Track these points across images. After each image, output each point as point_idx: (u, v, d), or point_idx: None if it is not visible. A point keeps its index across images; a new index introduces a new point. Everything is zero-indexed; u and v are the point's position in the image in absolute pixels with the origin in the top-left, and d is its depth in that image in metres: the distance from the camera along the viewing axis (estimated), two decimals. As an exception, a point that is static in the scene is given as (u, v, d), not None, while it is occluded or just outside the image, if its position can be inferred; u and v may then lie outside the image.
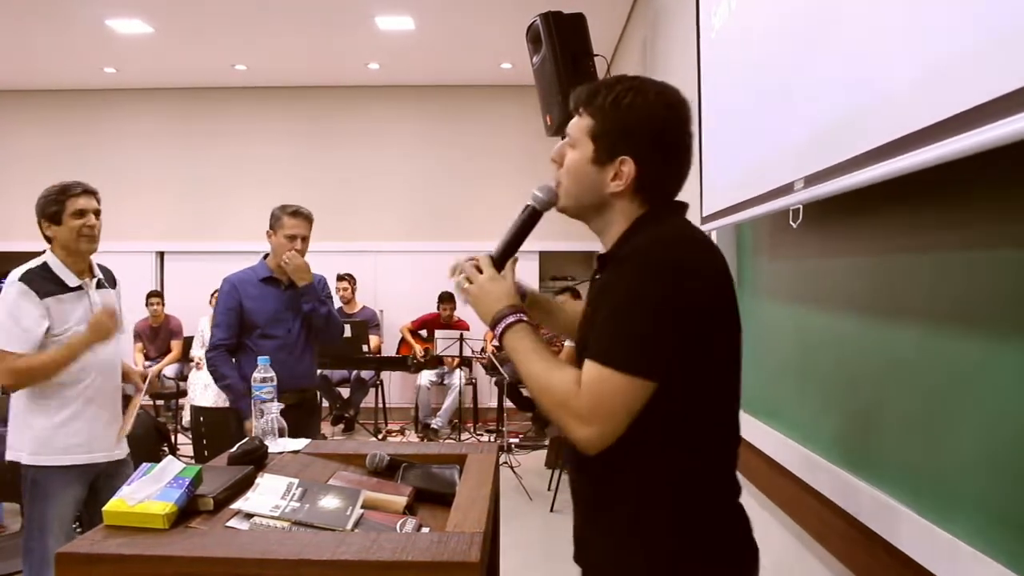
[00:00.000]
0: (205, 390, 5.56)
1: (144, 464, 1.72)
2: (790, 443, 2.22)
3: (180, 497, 1.60)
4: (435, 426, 7.60)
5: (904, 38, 1.33)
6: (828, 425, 2.02)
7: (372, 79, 8.45)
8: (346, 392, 7.71)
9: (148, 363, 7.64)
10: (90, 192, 2.95)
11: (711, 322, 1.35)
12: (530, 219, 1.56)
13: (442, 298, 8.05)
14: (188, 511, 1.63)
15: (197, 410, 5.61)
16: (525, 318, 1.47)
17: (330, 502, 1.71)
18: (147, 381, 3.16)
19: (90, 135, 8.75)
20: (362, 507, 1.72)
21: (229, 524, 1.62)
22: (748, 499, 1.51)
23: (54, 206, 2.88)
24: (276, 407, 2.39)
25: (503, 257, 1.56)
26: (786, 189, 1.86)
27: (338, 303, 7.92)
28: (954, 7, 1.18)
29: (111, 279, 3.15)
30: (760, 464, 2.41)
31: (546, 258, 8.62)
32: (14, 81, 8.47)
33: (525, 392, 6.93)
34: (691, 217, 1.55)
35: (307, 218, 3.62)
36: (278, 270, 3.61)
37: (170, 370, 7.62)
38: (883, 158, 1.34)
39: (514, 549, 4.28)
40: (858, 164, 1.45)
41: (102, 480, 2.95)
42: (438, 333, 7.68)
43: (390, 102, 8.73)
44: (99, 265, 3.09)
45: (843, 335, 1.91)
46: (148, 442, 3.31)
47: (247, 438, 2.22)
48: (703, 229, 2.77)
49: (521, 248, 1.58)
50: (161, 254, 8.84)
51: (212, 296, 6.72)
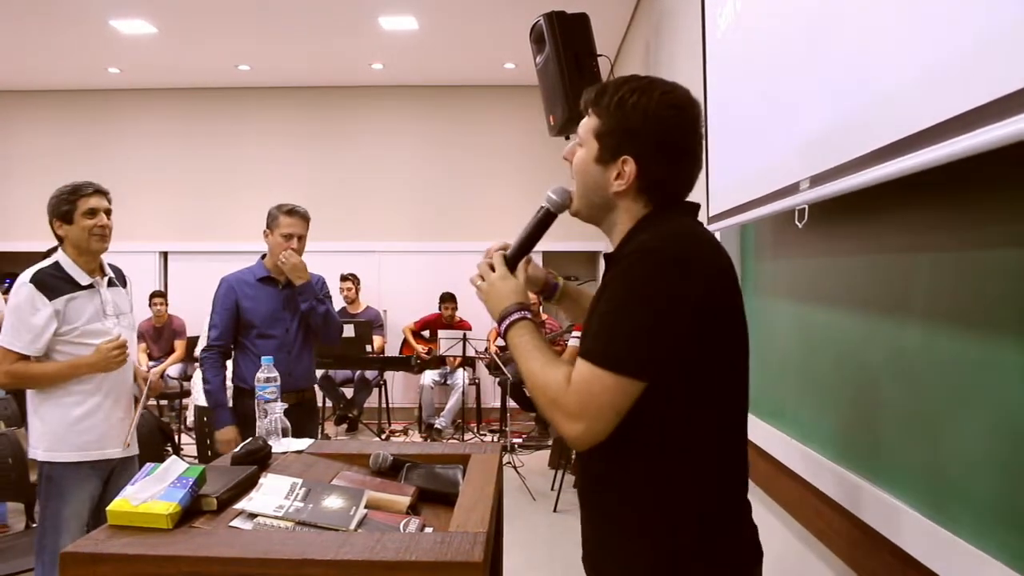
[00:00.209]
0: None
1: (148, 464, 1.73)
2: (793, 443, 2.22)
3: (184, 497, 1.60)
4: (438, 426, 7.61)
5: (909, 38, 1.33)
6: (831, 425, 2.01)
7: (376, 79, 8.46)
8: (350, 392, 7.71)
9: (152, 363, 7.65)
10: (101, 192, 3.01)
11: (710, 322, 1.34)
12: (544, 220, 1.59)
13: (443, 298, 8.07)
14: (192, 511, 1.64)
15: (201, 410, 5.59)
16: (529, 315, 1.49)
17: (334, 502, 1.71)
18: (148, 383, 3.17)
19: (94, 135, 8.77)
20: (365, 507, 1.72)
21: (233, 524, 1.62)
22: (751, 499, 1.51)
23: (66, 205, 2.93)
24: (280, 407, 2.40)
25: (516, 257, 1.59)
26: (792, 189, 1.86)
27: (342, 303, 7.95)
28: (958, 7, 1.17)
29: (121, 278, 3.20)
30: (763, 464, 2.41)
31: (550, 258, 8.62)
32: (18, 81, 8.49)
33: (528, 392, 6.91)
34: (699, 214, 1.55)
35: (303, 217, 3.60)
36: (275, 269, 3.59)
37: (174, 370, 7.63)
38: (889, 158, 1.34)
39: (517, 549, 4.27)
40: (864, 164, 1.44)
41: (114, 477, 2.99)
42: (441, 333, 7.68)
43: (394, 102, 8.74)
44: (110, 264, 3.14)
45: (847, 335, 1.91)
46: (152, 442, 3.31)
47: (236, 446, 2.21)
48: (709, 229, 2.77)
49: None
50: (165, 254, 8.86)
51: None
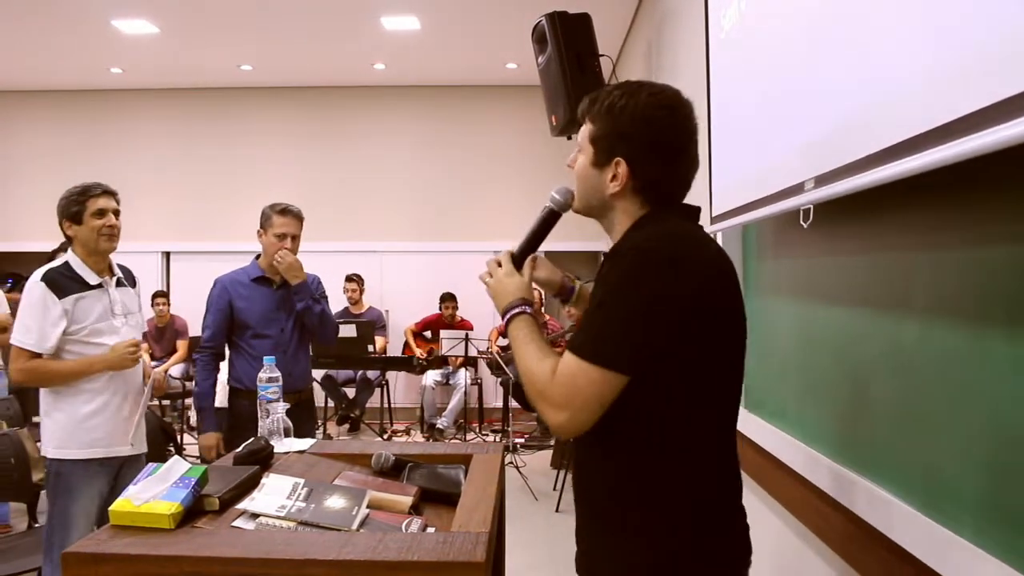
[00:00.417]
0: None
1: (150, 464, 1.73)
2: (795, 443, 2.22)
3: (186, 497, 1.61)
4: (440, 426, 7.61)
5: (915, 38, 1.32)
6: (833, 424, 2.01)
7: (378, 79, 8.46)
8: (352, 392, 7.72)
9: (154, 363, 7.64)
10: (110, 193, 3.05)
11: (701, 322, 1.35)
12: (548, 219, 1.66)
13: (443, 298, 8.08)
14: (194, 511, 1.64)
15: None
16: (529, 311, 1.55)
17: (336, 502, 1.71)
18: (152, 382, 3.18)
19: (96, 135, 8.78)
20: (368, 507, 1.72)
21: (235, 524, 1.63)
22: (752, 498, 1.51)
23: (75, 206, 2.98)
24: (282, 407, 2.40)
25: (523, 255, 1.66)
26: (796, 189, 1.85)
27: (345, 303, 7.96)
28: (965, 8, 1.17)
29: (131, 278, 3.24)
30: (765, 463, 2.41)
31: (551, 258, 8.51)
32: (20, 81, 8.49)
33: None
34: (700, 218, 1.56)
35: (297, 216, 3.56)
36: (270, 269, 3.56)
37: (176, 370, 7.63)
38: (895, 158, 1.33)
39: (519, 549, 4.28)
40: (869, 164, 1.44)
41: (122, 474, 3.01)
42: (443, 333, 7.68)
43: (396, 102, 8.73)
44: (119, 265, 3.18)
45: (849, 334, 1.91)
46: (154, 442, 3.32)
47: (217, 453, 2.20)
48: (712, 229, 2.77)
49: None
50: (167, 254, 8.86)
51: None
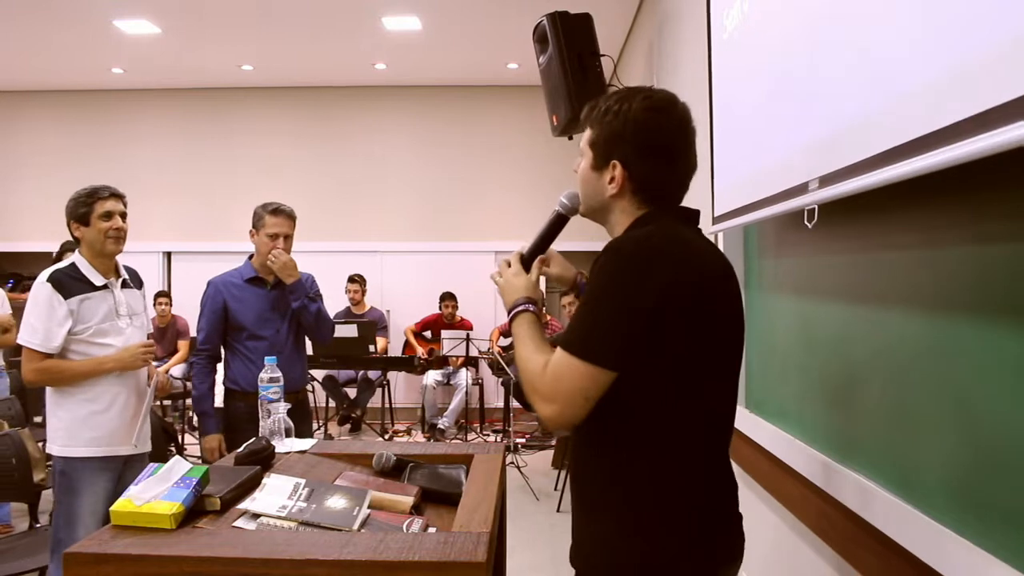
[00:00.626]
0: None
1: (151, 464, 1.74)
2: (796, 443, 2.22)
3: (187, 497, 1.61)
4: (441, 426, 7.60)
5: (921, 40, 1.32)
6: (833, 423, 2.01)
7: (379, 79, 8.46)
8: (353, 392, 7.72)
9: (155, 363, 7.64)
10: (117, 195, 3.08)
11: (680, 321, 1.36)
12: (557, 222, 1.72)
13: (443, 296, 8.09)
14: (195, 511, 1.64)
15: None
16: (532, 309, 1.60)
17: (337, 502, 1.71)
18: (153, 382, 3.18)
19: (98, 135, 8.78)
20: (369, 507, 1.72)
21: (236, 524, 1.63)
22: (752, 496, 1.51)
23: (83, 208, 3.01)
24: (283, 407, 2.40)
25: (531, 256, 1.71)
26: (800, 189, 1.85)
27: (346, 304, 7.97)
28: (971, 10, 1.17)
29: (137, 280, 3.28)
30: (765, 462, 2.41)
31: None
32: (22, 81, 8.50)
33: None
34: (703, 218, 1.56)
35: (289, 216, 3.52)
36: (263, 270, 3.51)
37: (177, 370, 7.63)
38: (900, 158, 1.33)
39: (520, 549, 4.28)
40: (875, 164, 1.44)
41: (126, 473, 3.02)
42: (444, 333, 7.68)
43: (397, 102, 8.73)
44: (125, 266, 3.21)
45: (850, 335, 1.91)
46: (156, 442, 3.32)
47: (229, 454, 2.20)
48: (714, 229, 2.76)
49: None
50: (168, 254, 8.86)
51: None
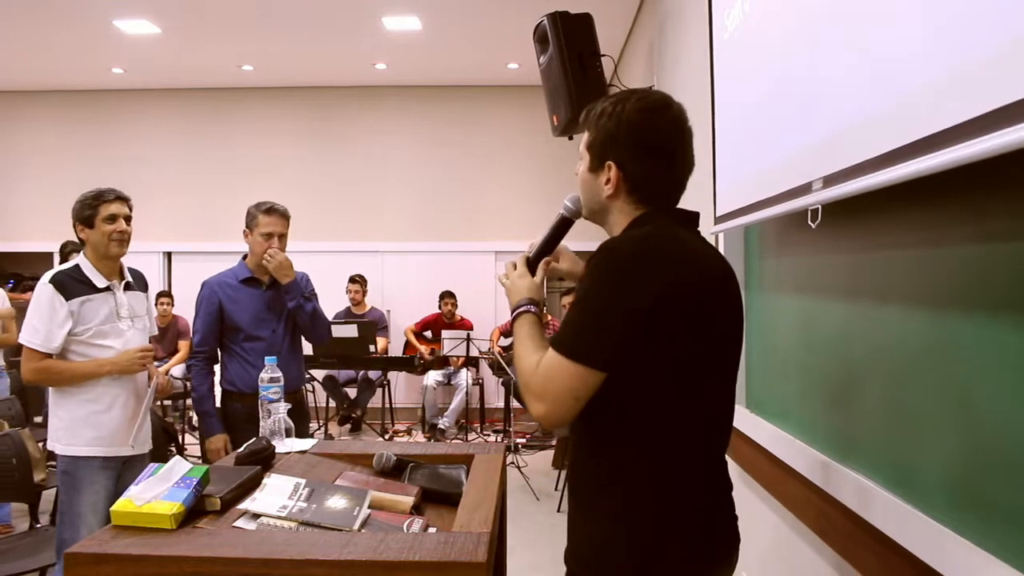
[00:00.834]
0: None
1: (152, 464, 1.74)
2: (796, 442, 2.21)
3: (188, 497, 1.61)
4: (442, 426, 7.61)
5: (925, 39, 1.31)
6: (834, 424, 2.01)
7: (379, 79, 8.45)
8: (353, 392, 7.72)
9: (156, 364, 7.64)
10: (123, 199, 3.10)
11: (672, 321, 1.37)
12: (561, 225, 1.73)
13: (442, 295, 8.11)
14: (195, 511, 1.64)
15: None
16: (534, 310, 1.61)
17: (337, 502, 1.71)
18: (153, 383, 3.17)
19: (98, 135, 8.78)
20: (369, 507, 1.72)
21: (236, 524, 1.63)
22: (752, 496, 1.50)
23: (88, 210, 3.03)
24: (283, 407, 2.40)
25: (537, 258, 1.73)
26: (804, 189, 1.85)
27: (347, 303, 7.97)
28: (975, 9, 1.16)
29: (141, 282, 3.28)
30: (766, 462, 2.41)
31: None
32: (21, 81, 8.50)
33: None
34: (704, 218, 1.56)
35: (283, 215, 3.50)
36: (258, 270, 3.50)
37: (177, 370, 7.62)
38: (904, 159, 1.32)
39: (521, 549, 4.28)
40: (880, 164, 1.43)
41: (125, 472, 3.03)
42: (445, 333, 7.68)
43: (397, 102, 8.73)
44: (130, 268, 3.22)
45: (852, 335, 1.91)
46: (156, 442, 3.32)
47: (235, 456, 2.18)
48: (716, 230, 2.76)
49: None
50: (169, 254, 8.86)
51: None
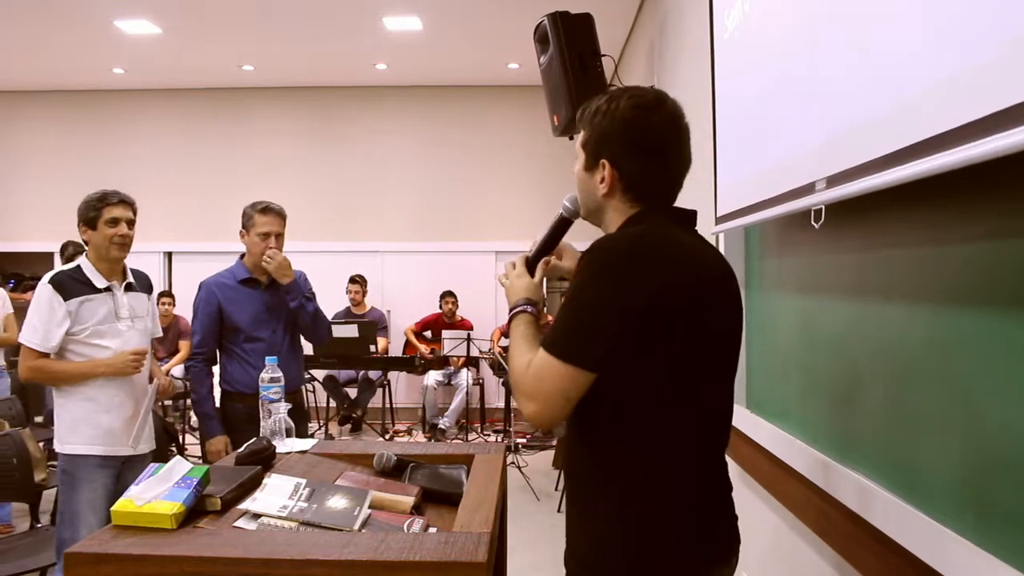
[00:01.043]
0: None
1: (152, 464, 1.74)
2: (797, 442, 2.21)
3: (188, 497, 1.61)
4: (442, 426, 7.61)
5: (926, 39, 1.31)
6: (834, 424, 2.01)
7: (379, 79, 8.46)
8: (353, 392, 7.72)
9: (157, 363, 7.65)
10: (126, 203, 3.11)
11: (664, 321, 1.36)
12: (560, 225, 1.73)
13: (443, 295, 8.12)
14: (196, 511, 1.64)
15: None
16: (530, 310, 1.61)
17: (337, 502, 1.71)
18: (154, 384, 3.17)
19: (99, 135, 8.78)
20: (369, 507, 1.72)
21: (237, 524, 1.63)
22: (752, 496, 1.50)
23: (92, 212, 3.04)
24: (283, 407, 2.40)
25: (536, 258, 1.73)
26: (807, 189, 1.84)
27: (347, 304, 7.98)
28: (980, 11, 1.16)
29: (145, 284, 3.28)
30: (766, 462, 2.41)
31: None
32: (22, 81, 8.50)
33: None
34: (705, 218, 1.55)
35: (279, 214, 3.47)
36: (256, 270, 3.47)
37: (178, 370, 7.63)
38: (908, 159, 1.32)
39: (521, 549, 4.28)
40: (882, 165, 1.43)
41: (125, 472, 3.03)
42: (445, 333, 7.69)
43: (397, 102, 8.73)
44: (134, 270, 3.23)
45: (854, 335, 1.90)
46: (157, 442, 3.32)
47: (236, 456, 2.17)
48: (717, 230, 2.76)
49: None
50: (169, 254, 8.86)
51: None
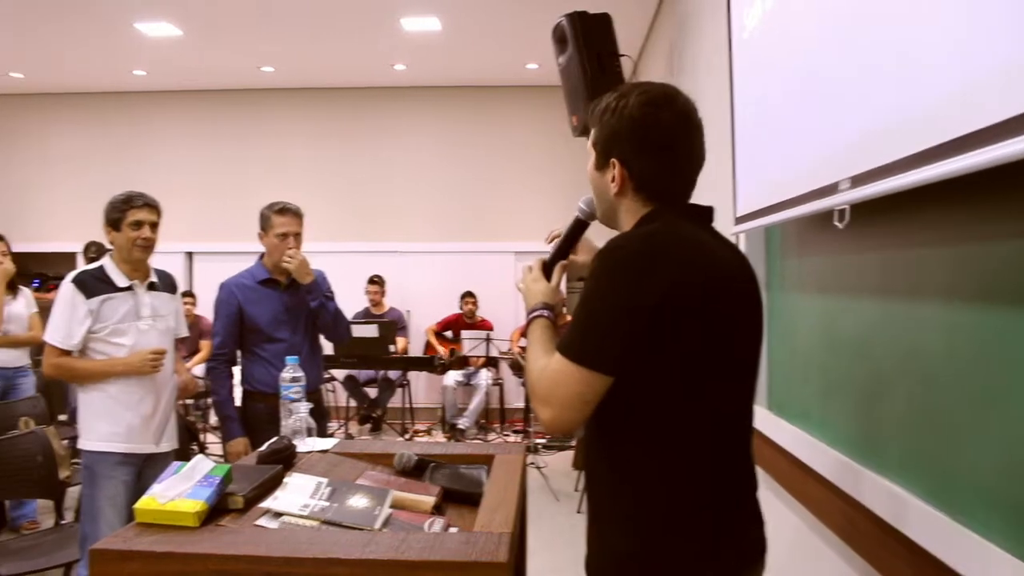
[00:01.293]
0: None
1: (174, 462, 1.75)
2: (819, 444, 2.20)
3: (210, 495, 1.62)
4: (462, 426, 7.61)
5: (962, 37, 1.29)
6: (859, 426, 1.99)
7: (398, 80, 8.47)
8: (373, 392, 7.74)
9: (182, 361, 7.70)
10: (151, 206, 3.12)
11: (677, 321, 1.34)
12: (576, 228, 1.73)
13: (463, 295, 8.13)
14: (218, 509, 1.65)
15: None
16: (547, 314, 1.60)
17: (358, 501, 1.71)
18: (175, 382, 3.20)
19: (119, 137, 8.86)
20: (390, 507, 1.72)
21: (258, 523, 1.63)
22: (772, 498, 1.49)
23: (116, 213, 3.06)
24: (305, 407, 2.41)
25: (552, 262, 1.72)
26: (830, 189, 1.82)
27: (366, 304, 8.00)
28: (1012, 10, 1.14)
29: (169, 284, 3.30)
30: (787, 464, 2.39)
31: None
32: (44, 84, 8.59)
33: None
34: (724, 218, 1.54)
35: (296, 214, 3.48)
36: (276, 270, 3.49)
37: (199, 369, 7.68)
38: (937, 159, 1.30)
39: (541, 550, 4.27)
40: (909, 164, 1.40)
41: (146, 472, 3.05)
42: (465, 333, 7.69)
43: (416, 103, 8.75)
44: (157, 270, 3.24)
45: (877, 335, 1.89)
46: (178, 441, 3.36)
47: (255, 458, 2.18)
48: (737, 230, 2.74)
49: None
50: (190, 254, 8.92)
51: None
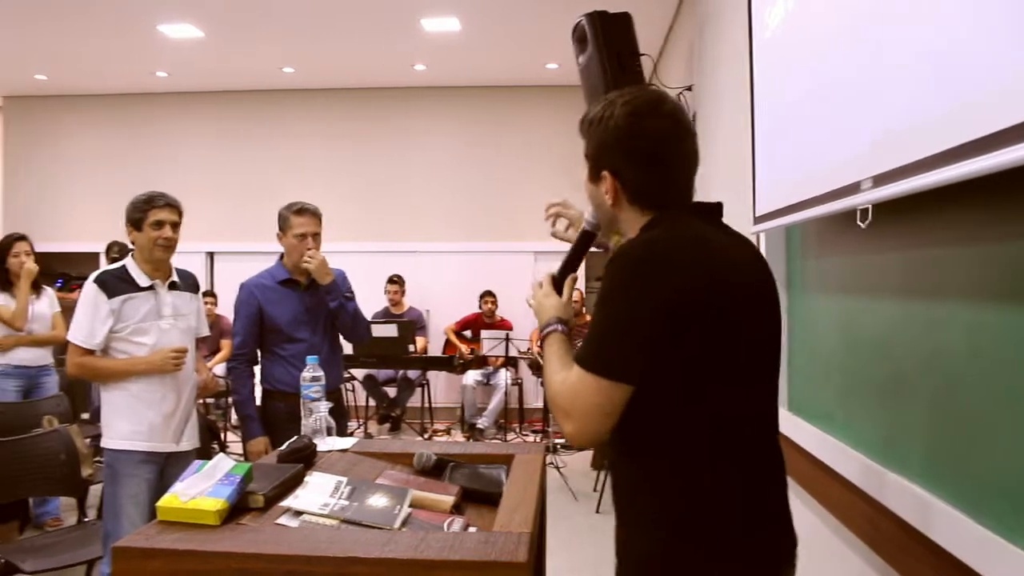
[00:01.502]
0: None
1: (196, 461, 1.76)
2: (841, 446, 2.18)
3: (231, 494, 1.63)
4: (481, 426, 7.62)
5: (985, 38, 1.27)
6: (881, 427, 1.97)
7: (418, 80, 8.50)
8: (392, 392, 7.77)
9: (203, 360, 7.76)
10: (172, 206, 3.15)
11: (690, 323, 1.34)
12: (584, 239, 1.70)
13: (483, 294, 8.15)
14: (239, 508, 1.66)
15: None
16: (561, 329, 1.59)
17: (378, 501, 1.72)
18: (197, 380, 3.23)
19: (141, 138, 8.94)
20: (410, 506, 1.73)
21: (279, 521, 1.64)
22: (791, 498, 1.48)
23: (138, 213, 3.09)
24: (324, 406, 2.42)
25: (562, 275, 1.70)
26: (852, 188, 1.81)
27: (385, 304, 8.03)
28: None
29: (191, 284, 3.32)
30: (809, 466, 2.37)
31: (590, 258, 8.58)
32: (68, 86, 8.69)
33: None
34: (744, 218, 1.53)
35: (314, 214, 3.49)
36: (295, 271, 3.49)
37: (220, 369, 7.74)
38: (961, 158, 1.28)
39: (560, 550, 4.26)
40: (932, 164, 1.38)
41: (168, 470, 3.07)
42: (484, 333, 7.70)
43: (436, 103, 8.77)
44: (179, 269, 3.26)
45: (901, 336, 1.87)
46: (199, 440, 3.38)
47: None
48: (756, 229, 2.72)
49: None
50: (211, 254, 8.99)
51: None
